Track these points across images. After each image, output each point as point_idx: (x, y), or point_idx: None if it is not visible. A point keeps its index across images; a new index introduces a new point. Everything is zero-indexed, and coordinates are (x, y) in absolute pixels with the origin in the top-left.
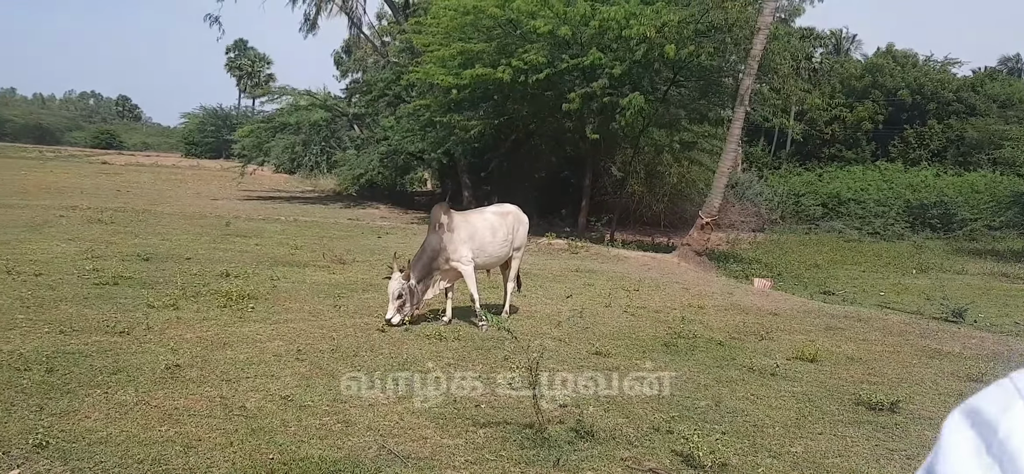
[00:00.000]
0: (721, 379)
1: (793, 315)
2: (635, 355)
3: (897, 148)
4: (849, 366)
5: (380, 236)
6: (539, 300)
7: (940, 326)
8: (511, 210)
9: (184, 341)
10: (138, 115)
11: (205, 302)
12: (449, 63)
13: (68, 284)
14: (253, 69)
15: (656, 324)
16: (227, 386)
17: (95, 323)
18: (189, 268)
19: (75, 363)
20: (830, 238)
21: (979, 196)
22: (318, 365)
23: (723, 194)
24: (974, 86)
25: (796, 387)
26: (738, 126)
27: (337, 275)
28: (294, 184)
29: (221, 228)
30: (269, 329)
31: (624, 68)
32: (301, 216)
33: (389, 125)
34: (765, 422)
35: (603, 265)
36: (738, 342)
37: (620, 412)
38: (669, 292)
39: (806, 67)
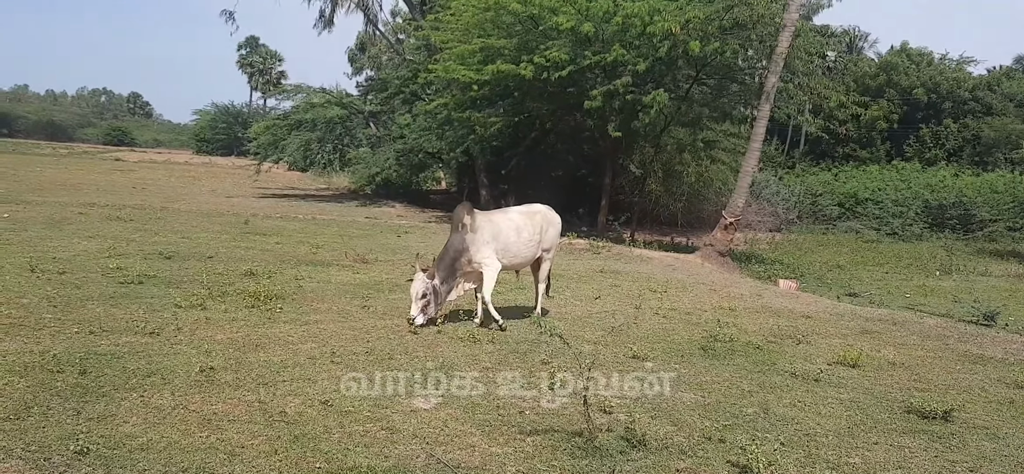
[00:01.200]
0: (764, 385)
1: (826, 318)
2: (673, 359)
3: (913, 147)
4: (893, 372)
5: (400, 235)
6: (567, 302)
7: (977, 330)
8: (539, 210)
9: (215, 343)
10: (149, 112)
11: (232, 302)
12: (469, 59)
13: (93, 283)
14: (265, 66)
15: (689, 327)
16: (264, 390)
17: (124, 323)
18: (212, 267)
19: (108, 365)
20: (849, 238)
21: (999, 197)
22: (354, 368)
23: (747, 194)
24: (990, 85)
25: (843, 394)
26: (762, 125)
27: (361, 275)
28: (308, 182)
29: (240, 226)
30: (300, 330)
31: (647, 65)
32: (318, 214)
33: (405, 123)
34: (817, 431)
35: (627, 266)
36: (776, 346)
37: (668, 419)
38: (697, 294)
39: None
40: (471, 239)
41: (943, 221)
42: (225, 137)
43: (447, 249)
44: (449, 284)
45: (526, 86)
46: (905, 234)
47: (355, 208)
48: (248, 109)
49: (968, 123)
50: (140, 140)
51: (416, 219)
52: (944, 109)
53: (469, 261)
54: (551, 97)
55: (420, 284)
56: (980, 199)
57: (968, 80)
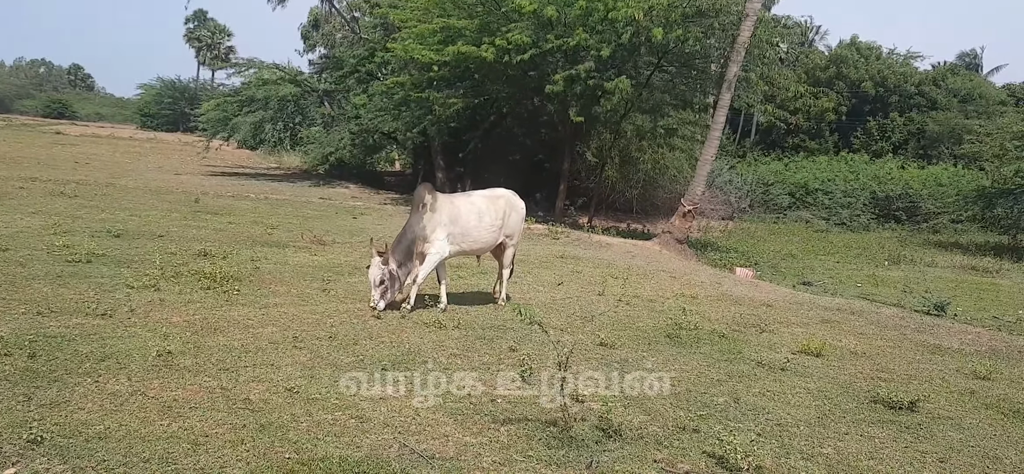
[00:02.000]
0: (732, 374)
1: (786, 307)
2: (641, 346)
3: (860, 139)
4: (855, 361)
5: (355, 217)
6: (530, 288)
7: (932, 321)
8: (502, 195)
9: (172, 325)
10: (91, 85)
11: (187, 284)
12: (429, 39)
13: (39, 261)
14: (213, 41)
15: (653, 314)
16: (226, 376)
17: (73, 304)
18: (164, 246)
19: (58, 348)
20: (799, 228)
21: (943, 190)
22: (318, 354)
23: (705, 182)
24: (935, 80)
25: (809, 383)
26: (723, 113)
27: (319, 257)
28: (257, 160)
29: (190, 205)
30: (259, 314)
31: (610, 50)
32: (270, 194)
33: (361, 103)
34: (788, 421)
35: (586, 252)
36: (740, 334)
37: (641, 408)
38: (658, 281)
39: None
40: (429, 218)
41: (890, 212)
42: (171, 113)
43: (405, 231)
44: (407, 267)
45: (486, 68)
46: (853, 224)
47: (308, 188)
48: (195, 84)
49: (913, 117)
50: (81, 113)
51: (371, 201)
52: (891, 103)
53: (424, 241)
54: (512, 80)
55: (376, 270)
56: (925, 191)
57: (914, 75)
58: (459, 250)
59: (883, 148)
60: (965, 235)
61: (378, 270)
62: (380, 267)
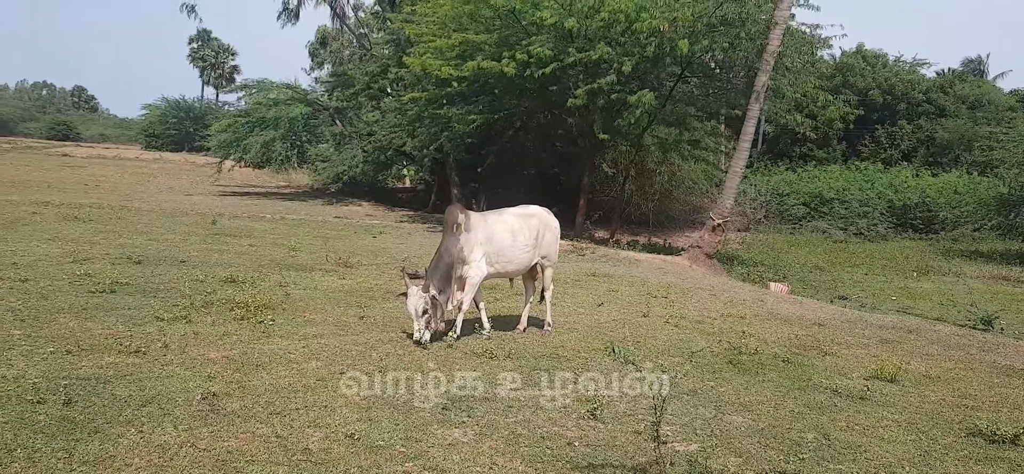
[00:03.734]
0: (811, 405)
1: (839, 326)
2: (706, 376)
3: (868, 147)
4: (933, 387)
5: (375, 236)
6: (571, 310)
7: (994, 338)
8: (535, 213)
9: (210, 362)
10: (94, 106)
11: (219, 313)
12: (447, 54)
13: (62, 292)
14: (217, 60)
15: (706, 336)
16: (279, 421)
17: (103, 340)
18: (188, 273)
19: (94, 392)
20: (817, 239)
21: (960, 197)
22: (370, 393)
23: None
24: (943, 87)
25: (896, 414)
26: (752, 124)
27: (347, 280)
28: (266, 179)
29: (207, 227)
30: (300, 346)
31: (633, 64)
32: (286, 214)
33: (374, 119)
34: (890, 460)
35: (617, 269)
36: (802, 358)
37: (730, 450)
38: (699, 299)
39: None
40: (466, 239)
41: (907, 222)
42: (176, 132)
43: (441, 255)
44: (446, 292)
45: (506, 83)
46: (871, 234)
47: (322, 207)
48: (201, 104)
49: (922, 124)
50: (86, 135)
51: (387, 219)
52: (899, 110)
53: (462, 263)
54: (532, 94)
55: (417, 300)
56: (942, 200)
57: (922, 82)
58: (494, 272)
59: (892, 156)
60: (985, 243)
61: (420, 299)
62: (421, 296)
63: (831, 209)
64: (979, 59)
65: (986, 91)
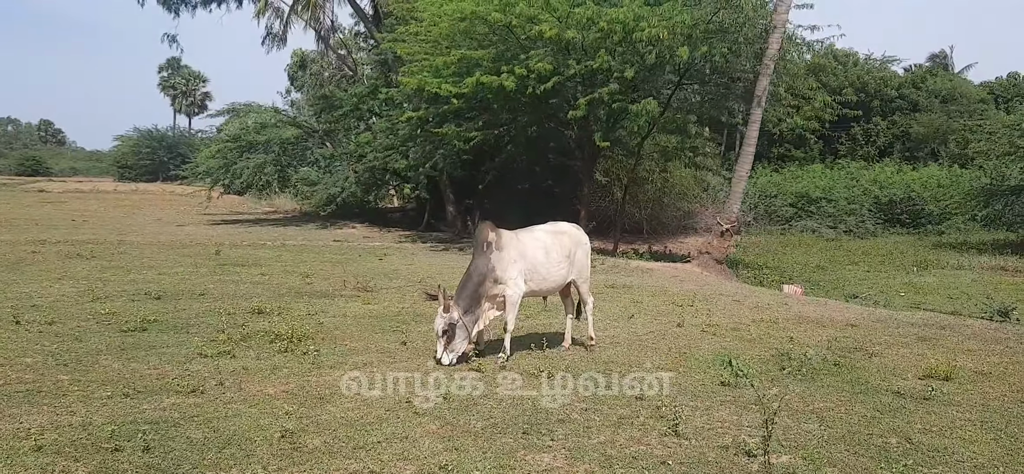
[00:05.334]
0: (880, 408)
1: (871, 326)
2: (764, 384)
3: (845, 145)
4: (989, 383)
5: (381, 258)
6: (605, 324)
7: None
8: (566, 229)
9: (272, 398)
10: (62, 140)
11: (260, 347)
12: (444, 72)
13: (92, 333)
14: (189, 87)
15: (747, 344)
16: (367, 456)
17: (156, 381)
18: (211, 306)
19: (168, 436)
20: (809, 238)
21: (944, 190)
22: (446, 420)
23: (741, 199)
24: (915, 83)
25: (965, 414)
26: (755, 129)
27: (373, 306)
28: (251, 205)
29: (212, 257)
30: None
31: (634, 72)
32: (285, 240)
33: (366, 140)
34: (980, 462)
35: (632, 279)
36: (850, 360)
37: (820, 459)
38: (725, 306)
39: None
40: (498, 258)
41: (894, 217)
42: (150, 163)
43: (470, 274)
44: (473, 314)
45: (505, 97)
46: (860, 231)
47: (317, 231)
48: (173, 132)
49: (896, 120)
50: (56, 169)
51: (385, 240)
52: (872, 107)
53: (495, 282)
54: (531, 108)
55: (439, 321)
56: (927, 193)
57: (894, 79)
58: (529, 290)
59: (869, 153)
60: (973, 235)
61: (441, 321)
62: (442, 316)
63: (819, 208)
64: (944, 53)
65: (957, 85)
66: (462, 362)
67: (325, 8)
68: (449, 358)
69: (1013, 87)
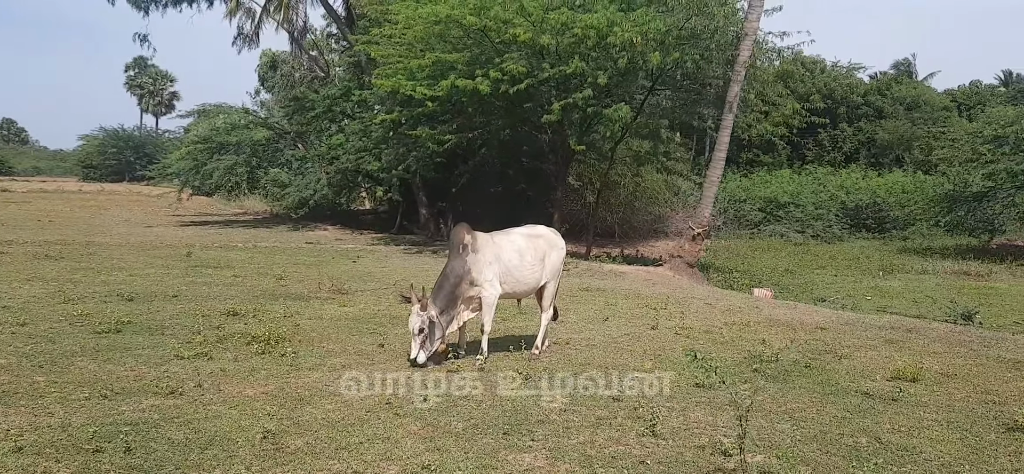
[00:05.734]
0: (849, 409)
1: (840, 329)
2: (737, 385)
3: (812, 151)
4: (954, 384)
5: (354, 260)
6: (581, 327)
7: (988, 333)
8: (542, 233)
9: (251, 400)
10: (25, 139)
11: (237, 349)
12: (418, 74)
13: (66, 335)
14: (156, 87)
15: (720, 346)
16: (350, 457)
17: (133, 382)
18: (185, 308)
19: (149, 437)
20: (777, 243)
21: (908, 196)
22: (426, 421)
23: (712, 203)
24: (880, 90)
25: (932, 414)
26: (726, 134)
27: (349, 308)
28: (220, 207)
29: (183, 259)
30: (332, 377)
31: (607, 77)
32: (256, 242)
33: (338, 142)
34: (947, 460)
35: (606, 282)
36: (821, 362)
37: (793, 458)
38: (698, 309)
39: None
40: (474, 260)
41: (860, 222)
42: (115, 163)
43: (446, 275)
44: (449, 314)
45: (479, 100)
46: (827, 236)
47: (289, 233)
48: (140, 132)
49: (862, 126)
50: (18, 169)
51: (358, 242)
52: (839, 114)
53: (471, 284)
54: (506, 111)
55: (416, 319)
56: (892, 199)
57: (860, 86)
58: (503, 292)
59: (835, 158)
60: (936, 240)
61: (418, 319)
62: (419, 315)
63: (787, 213)
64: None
65: (921, 92)
66: (437, 363)
67: (298, 9)
68: (424, 357)
69: (975, 95)
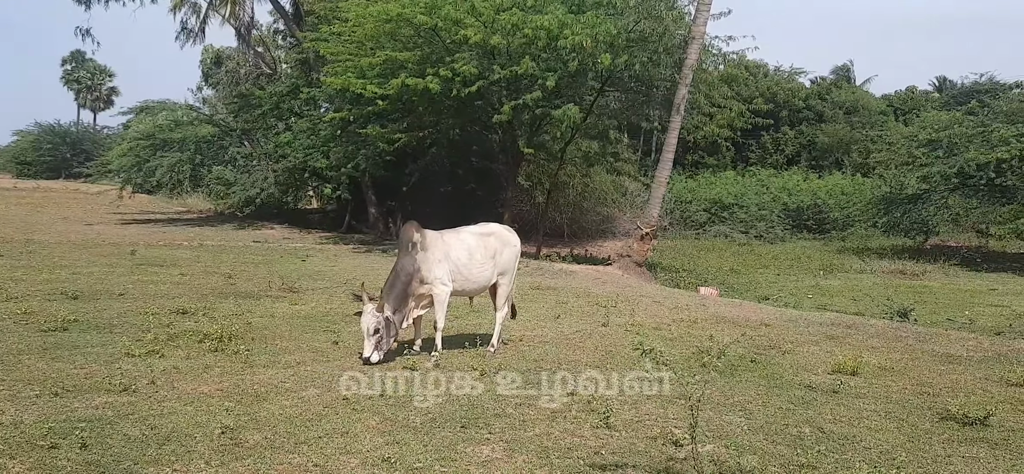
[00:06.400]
0: (794, 401)
1: (783, 325)
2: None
3: (755, 154)
4: (892, 377)
5: (303, 259)
6: (534, 324)
7: (922, 329)
8: (494, 231)
9: (206, 396)
10: None
11: (189, 346)
12: (368, 72)
13: (11, 332)
14: (94, 82)
15: (668, 342)
16: (310, 451)
17: (84, 380)
18: (133, 305)
19: (104, 434)
20: (722, 243)
21: (847, 198)
22: (384, 416)
23: (660, 204)
24: (821, 94)
25: (871, 405)
26: (674, 135)
27: (300, 306)
28: (162, 205)
29: (127, 257)
30: (289, 375)
31: (556, 79)
32: (202, 241)
33: (286, 140)
34: (886, 448)
35: (556, 281)
36: (766, 357)
37: (742, 447)
38: (647, 307)
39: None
40: (423, 258)
41: (801, 223)
42: (51, 159)
43: (397, 273)
44: (401, 313)
45: (429, 100)
46: (770, 236)
47: (235, 232)
48: (78, 128)
49: (804, 130)
50: None
51: (307, 241)
52: (781, 117)
53: (421, 282)
54: (456, 111)
55: (370, 318)
56: (832, 201)
57: (801, 90)
58: (453, 290)
59: (778, 161)
60: (873, 240)
61: (372, 318)
62: (374, 315)
63: (731, 214)
64: (846, 66)
65: (859, 97)
66: (388, 361)
67: (245, 4)
68: (377, 356)
69: (910, 100)
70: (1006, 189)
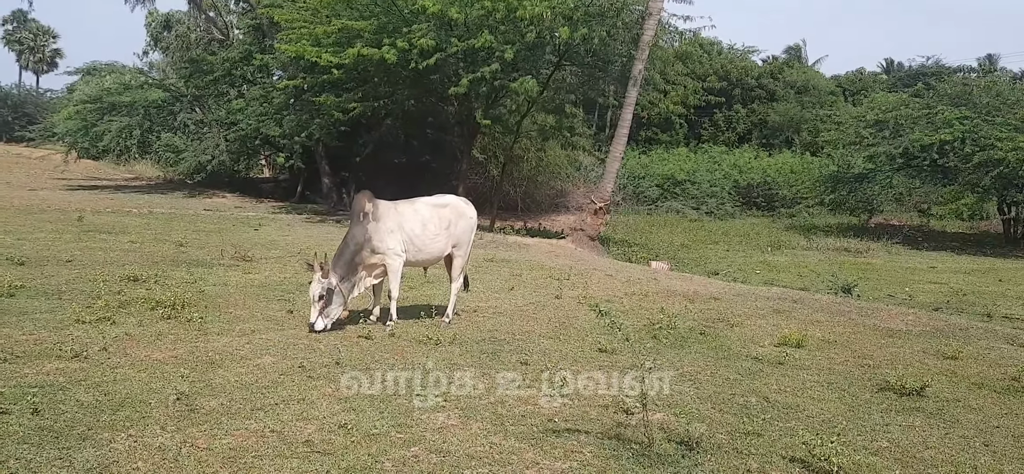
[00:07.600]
0: (741, 372)
1: (732, 299)
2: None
3: (708, 131)
4: (834, 350)
5: (256, 228)
6: (487, 295)
7: (865, 304)
8: (449, 202)
9: (160, 363)
10: None
11: (141, 313)
12: (324, 40)
13: None
14: (36, 44)
15: (621, 314)
16: (267, 417)
17: (34, 346)
18: (81, 272)
19: (57, 400)
20: (674, 219)
21: (795, 176)
22: (341, 384)
23: (615, 179)
24: (773, 73)
25: (814, 376)
26: (630, 110)
27: (254, 275)
28: (109, 171)
29: (74, 223)
30: (244, 342)
31: (514, 52)
32: (151, 208)
33: (238, 108)
34: (828, 416)
35: (511, 254)
36: (714, 330)
37: (691, 415)
38: (599, 280)
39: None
40: (375, 228)
41: (751, 200)
42: None
43: (347, 242)
44: (350, 281)
45: (386, 70)
46: (720, 213)
47: (185, 199)
48: (19, 90)
49: (755, 108)
50: None
51: (259, 210)
52: (734, 95)
53: (372, 251)
54: (413, 82)
55: (316, 286)
56: (781, 179)
57: (754, 69)
58: (406, 260)
59: (730, 138)
60: (819, 218)
61: (318, 286)
62: (319, 282)
63: (683, 190)
64: (798, 46)
65: (810, 77)
66: (336, 329)
67: None
68: (323, 323)
69: (859, 81)
70: (948, 170)
